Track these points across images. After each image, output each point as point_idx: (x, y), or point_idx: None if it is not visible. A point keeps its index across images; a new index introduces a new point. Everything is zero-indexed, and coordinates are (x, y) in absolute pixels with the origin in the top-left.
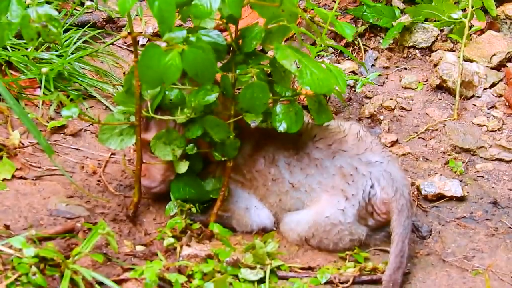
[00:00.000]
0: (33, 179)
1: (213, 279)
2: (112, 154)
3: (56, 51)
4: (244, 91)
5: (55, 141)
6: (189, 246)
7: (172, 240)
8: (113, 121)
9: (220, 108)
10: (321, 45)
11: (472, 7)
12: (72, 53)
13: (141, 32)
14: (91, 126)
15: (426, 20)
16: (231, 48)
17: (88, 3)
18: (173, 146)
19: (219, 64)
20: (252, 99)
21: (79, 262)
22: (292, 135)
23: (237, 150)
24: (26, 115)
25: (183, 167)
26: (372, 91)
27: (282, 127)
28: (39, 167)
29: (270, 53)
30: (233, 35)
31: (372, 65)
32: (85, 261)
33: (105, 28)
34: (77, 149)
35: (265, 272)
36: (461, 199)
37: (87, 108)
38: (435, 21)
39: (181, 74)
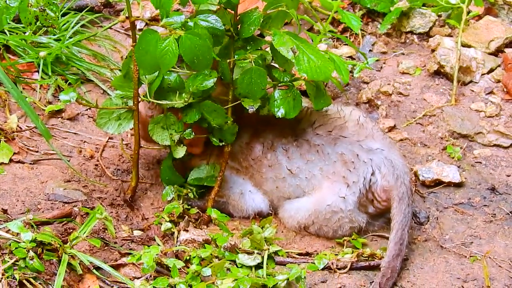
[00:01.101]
0: (30, 163)
1: (211, 264)
2: (110, 138)
3: (54, 35)
4: (242, 76)
5: (52, 125)
6: (187, 231)
7: (169, 225)
8: (111, 106)
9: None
10: (324, 33)
11: None
12: (70, 37)
13: (139, 17)
14: (88, 110)
15: (423, 5)
16: (230, 34)
17: None
18: (171, 131)
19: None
20: (250, 84)
21: (77, 246)
22: (290, 122)
23: (235, 135)
24: (24, 99)
25: (181, 152)
26: (369, 76)
27: (280, 112)
28: (37, 151)
29: (268, 38)
30: (232, 20)
31: (370, 50)
32: (83, 246)
33: (103, 12)
34: (75, 133)
35: (262, 257)
36: (459, 185)
37: (84, 92)
38: (432, 6)
39: (179, 59)
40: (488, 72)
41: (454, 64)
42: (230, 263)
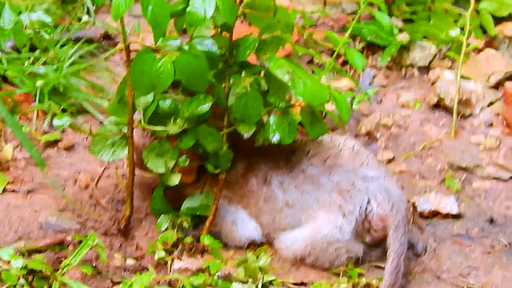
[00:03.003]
0: (25, 193)
1: None
2: (106, 168)
3: (53, 65)
4: (238, 101)
5: (48, 155)
6: (181, 259)
7: (163, 253)
8: (105, 132)
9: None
10: (331, 68)
11: (470, 25)
12: (68, 68)
13: (136, 41)
14: (85, 140)
15: (424, 37)
16: (225, 58)
17: (85, 18)
18: (166, 158)
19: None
20: (245, 109)
21: (68, 274)
22: (285, 153)
23: (230, 161)
24: (18, 126)
25: (175, 179)
26: (369, 109)
27: (275, 137)
28: (32, 181)
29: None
30: (227, 45)
31: (370, 83)
32: (74, 274)
33: (102, 44)
34: (71, 163)
35: (257, 286)
36: (457, 216)
37: (82, 123)
38: (433, 38)
39: (175, 83)
40: (488, 105)
41: (454, 97)
42: None
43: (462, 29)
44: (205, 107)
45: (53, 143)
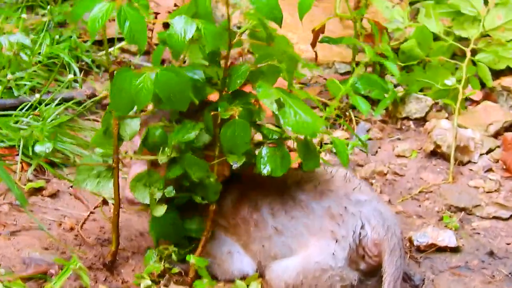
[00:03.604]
0: (7, 235)
1: None
2: (91, 212)
3: (37, 122)
4: (225, 129)
5: (33, 201)
6: (167, 287)
7: (149, 282)
8: (90, 162)
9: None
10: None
11: (466, 74)
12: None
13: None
14: (70, 188)
15: (421, 90)
16: (219, 88)
17: (69, 77)
18: (153, 189)
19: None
20: (233, 138)
21: None
22: (276, 180)
23: (218, 194)
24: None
25: (160, 210)
26: (364, 160)
27: (266, 169)
28: (15, 225)
29: None
30: (219, 74)
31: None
32: None
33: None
34: (55, 209)
35: None
36: (455, 249)
37: (67, 174)
38: (429, 88)
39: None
40: (487, 153)
41: (451, 144)
42: None
43: (459, 81)
44: (192, 135)
45: (38, 191)
